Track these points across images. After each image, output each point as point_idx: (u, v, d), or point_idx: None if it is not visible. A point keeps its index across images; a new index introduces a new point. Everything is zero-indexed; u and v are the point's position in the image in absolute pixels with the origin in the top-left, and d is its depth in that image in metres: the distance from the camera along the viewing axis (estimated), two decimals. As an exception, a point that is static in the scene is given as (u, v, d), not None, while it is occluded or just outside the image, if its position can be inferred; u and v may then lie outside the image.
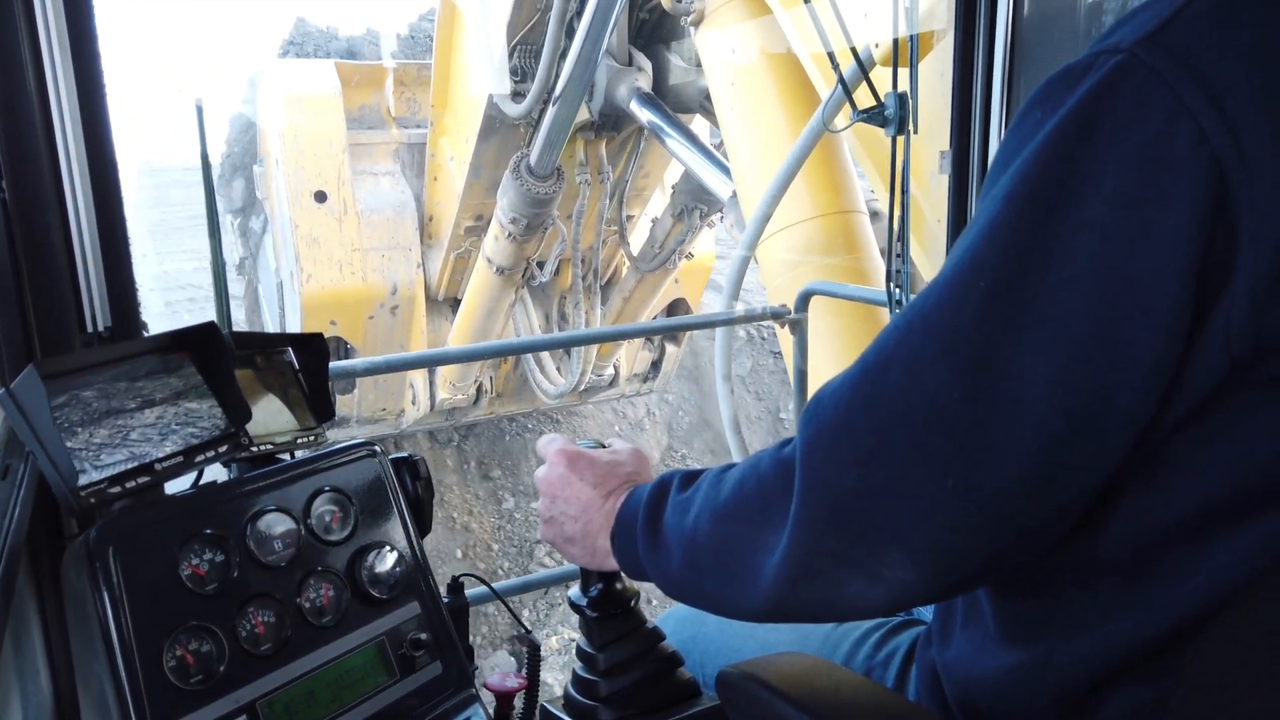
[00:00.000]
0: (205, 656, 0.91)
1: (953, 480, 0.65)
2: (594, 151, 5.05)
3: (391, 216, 5.91)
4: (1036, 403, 0.63)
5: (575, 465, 0.98)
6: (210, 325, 1.05)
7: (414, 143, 6.15)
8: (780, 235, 3.15)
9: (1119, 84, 0.63)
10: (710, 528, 0.80)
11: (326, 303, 5.61)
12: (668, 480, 0.89)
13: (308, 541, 1.04)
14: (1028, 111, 0.68)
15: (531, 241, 5.19)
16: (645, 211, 6.03)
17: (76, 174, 1.25)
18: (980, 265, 0.66)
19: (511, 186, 4.80)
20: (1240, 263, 0.60)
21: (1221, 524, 0.66)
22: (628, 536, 0.90)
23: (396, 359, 2.55)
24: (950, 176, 2.01)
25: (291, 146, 5.56)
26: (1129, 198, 0.62)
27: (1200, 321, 0.62)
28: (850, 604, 0.73)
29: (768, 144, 3.29)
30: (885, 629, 1.02)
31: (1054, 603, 0.74)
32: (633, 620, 1.06)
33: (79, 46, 1.24)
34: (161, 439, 0.99)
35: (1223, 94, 0.60)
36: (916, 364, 0.67)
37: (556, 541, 0.99)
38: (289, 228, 5.55)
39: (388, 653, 1.05)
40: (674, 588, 0.85)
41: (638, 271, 5.91)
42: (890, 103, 2.07)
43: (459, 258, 5.96)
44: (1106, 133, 0.63)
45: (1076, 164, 0.63)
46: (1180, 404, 0.64)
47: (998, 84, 1.92)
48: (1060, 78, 0.67)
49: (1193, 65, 0.61)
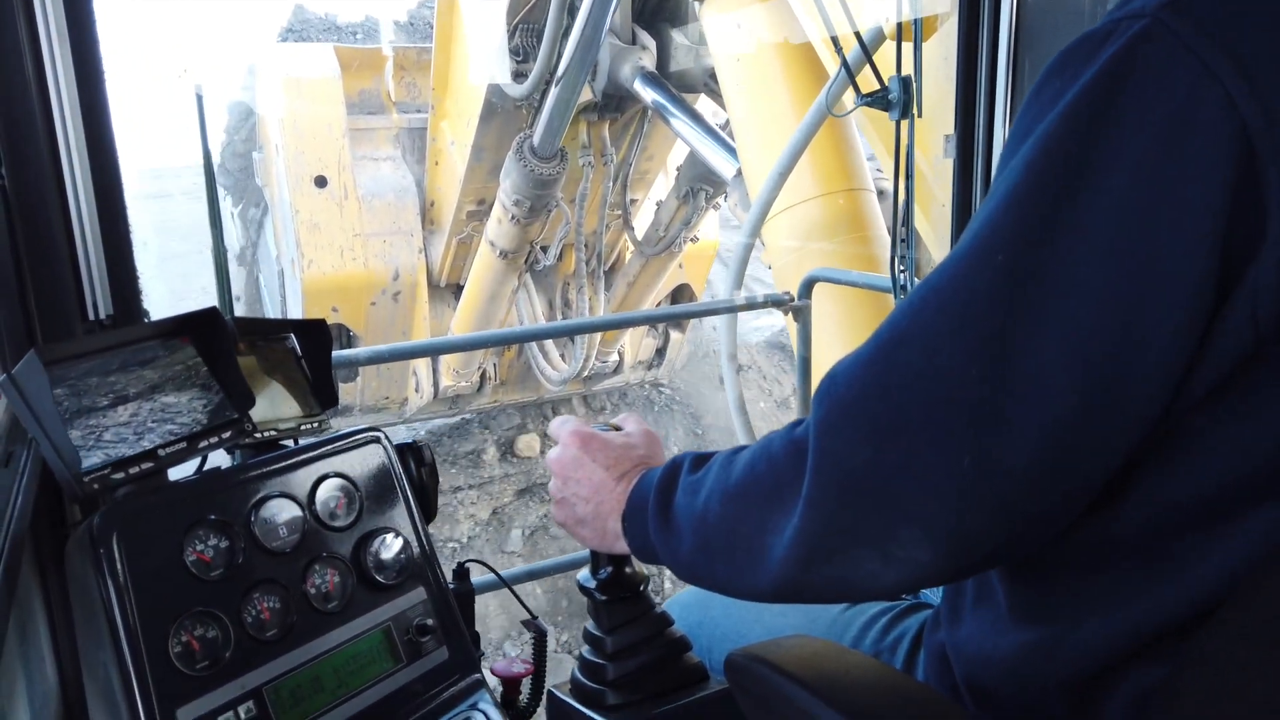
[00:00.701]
0: (211, 643, 0.91)
1: (969, 458, 0.64)
2: (597, 133, 4.95)
3: (393, 201, 5.82)
4: (1054, 380, 0.62)
5: (588, 447, 0.97)
6: (213, 310, 1.05)
7: (415, 127, 6.05)
8: (785, 215, 3.12)
9: (1142, 50, 0.61)
10: (721, 509, 0.79)
11: (328, 289, 5.54)
12: (679, 462, 0.88)
13: (313, 528, 1.03)
14: (1045, 81, 0.67)
15: (535, 224, 5.09)
16: (649, 196, 5.95)
17: (76, 161, 1.24)
18: (997, 238, 0.65)
19: (514, 168, 4.70)
20: (1270, 232, 0.59)
21: (1238, 505, 0.65)
22: (639, 518, 0.89)
23: (399, 348, 2.53)
24: (955, 159, 2.00)
25: (291, 131, 5.48)
26: (1153, 167, 0.60)
27: (1226, 294, 0.61)
28: (863, 584, 0.72)
29: (774, 123, 3.24)
30: (893, 612, 1.02)
31: (1067, 584, 0.73)
32: (642, 604, 1.06)
33: (77, 33, 1.23)
34: (164, 425, 0.98)
35: (1250, 61, 0.59)
36: (931, 340, 0.66)
37: (568, 523, 0.99)
38: (289, 213, 5.47)
39: (394, 638, 1.05)
40: (685, 569, 0.84)
41: (642, 255, 5.82)
42: (894, 86, 2.05)
43: (461, 243, 5.86)
44: (1130, 101, 0.61)
45: (1099, 133, 0.62)
46: (1202, 380, 0.63)
47: (1002, 66, 1.90)
48: (1079, 45, 0.65)
49: (1218, 31, 0.60)
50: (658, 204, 5.78)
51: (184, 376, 1.02)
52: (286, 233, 5.60)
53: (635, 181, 5.60)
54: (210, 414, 1.02)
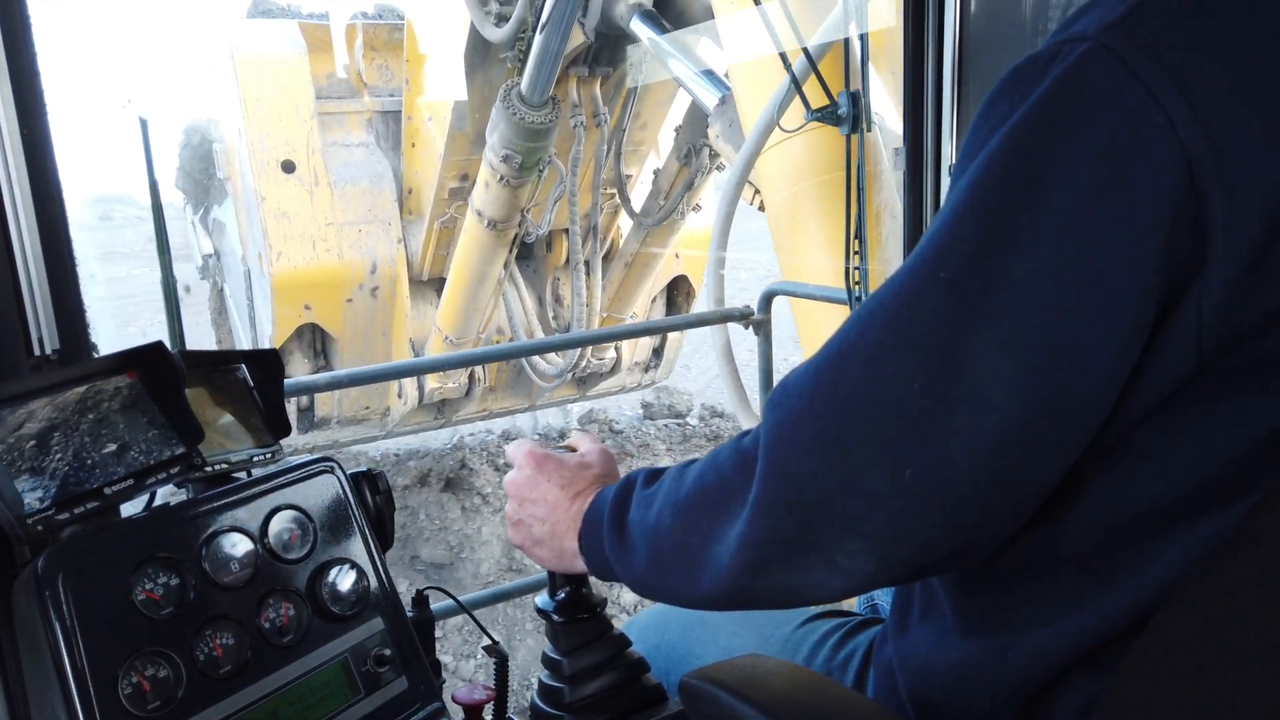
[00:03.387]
0: (163, 682, 0.90)
1: (911, 470, 0.64)
2: (588, 91, 4.61)
3: (368, 188, 5.41)
4: (996, 394, 0.63)
5: (543, 467, 0.98)
6: (158, 345, 1.04)
7: (388, 110, 5.65)
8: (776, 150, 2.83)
9: (1086, 72, 0.63)
10: (672, 520, 0.80)
11: (299, 284, 5.12)
12: (633, 478, 0.89)
13: (266, 561, 1.02)
14: (993, 102, 0.68)
15: (525, 188, 4.64)
16: (644, 172, 5.57)
17: (19, 194, 1.22)
18: (942, 254, 0.66)
19: (502, 118, 4.26)
20: (1212, 252, 0.60)
21: (1178, 518, 0.66)
22: (595, 535, 0.90)
23: (360, 372, 2.38)
24: (905, 172, 2.03)
25: (255, 112, 5.04)
26: (1096, 188, 0.62)
27: (1168, 312, 0.62)
28: (812, 591, 0.72)
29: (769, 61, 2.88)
30: (845, 629, 1.03)
31: (1011, 595, 0.75)
32: (599, 625, 1.06)
33: (16, 63, 1.22)
34: (111, 462, 0.97)
35: (1191, 84, 0.60)
36: (877, 353, 0.67)
37: (525, 544, 0.99)
38: (255, 202, 5.04)
39: (351, 670, 1.04)
40: (640, 584, 0.85)
41: (641, 229, 5.47)
42: (844, 101, 2.08)
43: (444, 228, 5.44)
44: (1073, 122, 0.62)
45: (1043, 153, 0.63)
46: (1147, 395, 0.64)
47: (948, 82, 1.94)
48: (1025, 67, 0.66)
49: (1161, 54, 0.61)
50: (655, 172, 5.40)
51: (131, 412, 1.01)
52: (252, 225, 5.17)
53: (629, 154, 5.24)
54: (159, 449, 1.01)
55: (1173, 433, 0.65)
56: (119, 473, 0.97)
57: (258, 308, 5.48)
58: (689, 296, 6.64)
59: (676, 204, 5.20)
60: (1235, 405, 0.64)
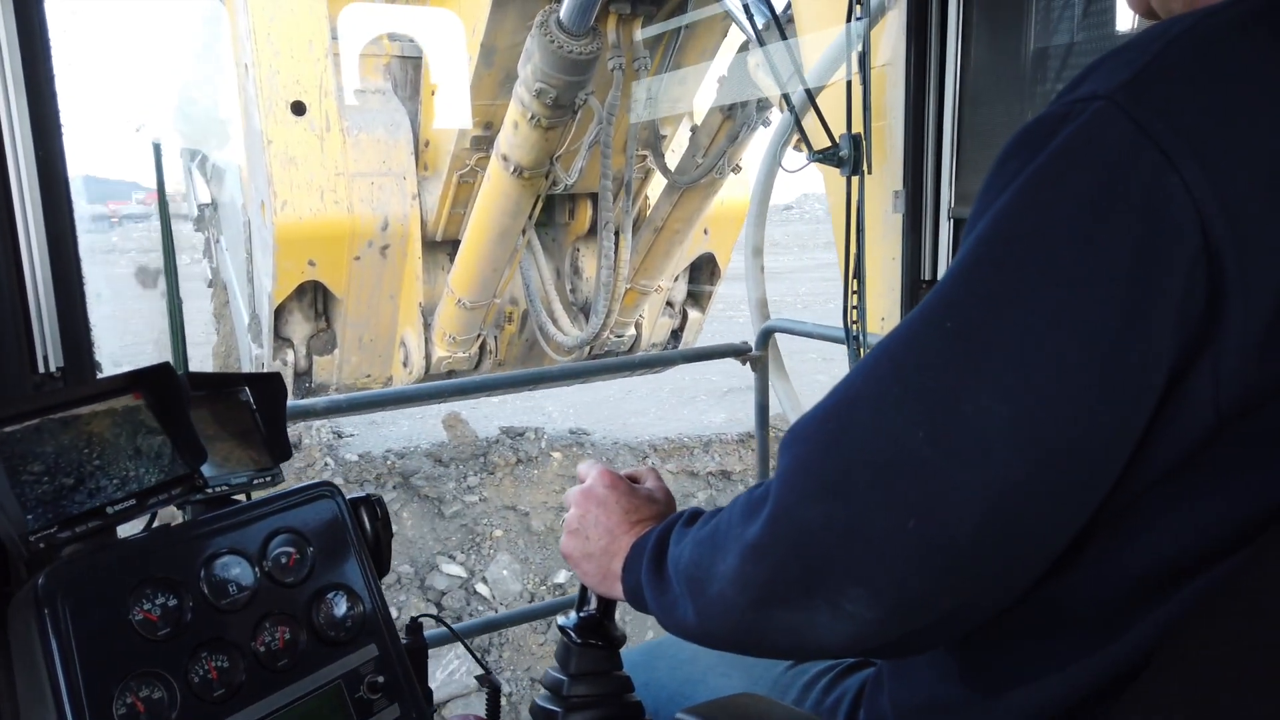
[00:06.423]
0: (156, 704, 0.90)
1: (914, 520, 0.64)
2: (629, 32, 4.20)
3: (383, 137, 4.92)
4: (999, 448, 0.62)
5: (616, 489, 1.00)
6: (164, 366, 1.04)
7: (408, 55, 5.15)
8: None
9: (1098, 132, 0.63)
10: (689, 555, 0.81)
11: (304, 237, 4.67)
12: (680, 515, 0.91)
13: (264, 584, 1.03)
14: (1004, 160, 0.68)
15: (557, 130, 4.19)
16: (678, 133, 5.17)
17: (30, 214, 1.24)
18: (949, 307, 0.66)
19: (538, 47, 3.81)
20: (1228, 314, 0.60)
21: (1183, 576, 0.66)
22: (636, 564, 0.91)
23: (360, 397, 2.33)
24: (904, 215, 2.06)
25: (265, 46, 4.53)
26: (1105, 249, 0.61)
27: (1183, 374, 0.62)
28: (821, 635, 0.71)
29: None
30: (835, 671, 1.03)
31: (1011, 647, 0.74)
32: (611, 661, 1.07)
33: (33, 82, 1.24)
34: (114, 482, 0.97)
35: (1205, 146, 0.60)
36: (882, 402, 0.67)
37: (574, 554, 1.00)
38: (260, 145, 4.57)
39: (344, 696, 1.04)
40: (665, 616, 0.85)
41: (674, 190, 5.01)
42: (845, 143, 2.12)
43: (462, 182, 4.96)
44: (1084, 181, 0.62)
45: (1052, 211, 0.63)
46: (1161, 457, 0.64)
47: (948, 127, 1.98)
48: (1036, 126, 0.67)
49: (1173, 118, 0.61)
50: (692, 129, 4.95)
51: (135, 433, 1.02)
52: (257, 171, 4.69)
53: (665, 110, 4.84)
54: (161, 470, 1.02)
55: (1188, 497, 0.65)
56: (121, 493, 0.97)
57: (257, 262, 5.03)
58: (714, 278, 6.22)
59: (716, 160, 4.73)
60: (1251, 471, 0.64)
